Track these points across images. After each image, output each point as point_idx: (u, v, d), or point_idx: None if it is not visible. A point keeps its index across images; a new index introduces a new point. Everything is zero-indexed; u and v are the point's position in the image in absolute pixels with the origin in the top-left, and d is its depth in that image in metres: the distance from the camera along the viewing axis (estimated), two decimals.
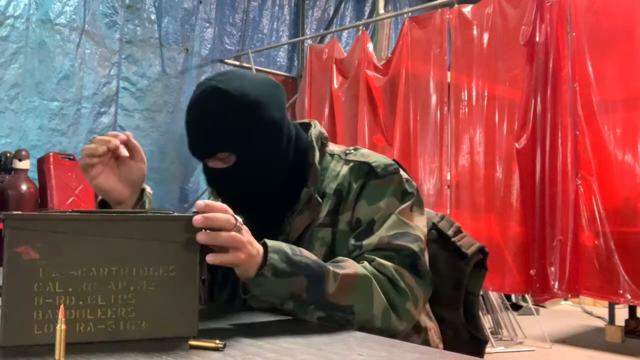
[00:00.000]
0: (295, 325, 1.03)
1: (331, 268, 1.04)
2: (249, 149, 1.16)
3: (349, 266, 1.07)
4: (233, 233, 0.93)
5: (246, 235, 0.96)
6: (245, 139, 1.15)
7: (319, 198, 1.21)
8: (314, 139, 1.27)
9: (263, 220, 1.23)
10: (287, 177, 1.23)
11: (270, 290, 1.00)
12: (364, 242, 1.14)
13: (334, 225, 1.20)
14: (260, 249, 1.00)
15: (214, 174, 1.19)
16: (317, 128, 1.32)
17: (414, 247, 1.13)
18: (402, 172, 1.23)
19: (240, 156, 1.16)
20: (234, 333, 0.94)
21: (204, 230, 0.91)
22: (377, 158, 1.24)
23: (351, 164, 1.24)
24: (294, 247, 1.04)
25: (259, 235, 1.06)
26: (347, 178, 1.22)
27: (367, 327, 1.03)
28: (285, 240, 1.10)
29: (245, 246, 0.95)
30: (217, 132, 1.15)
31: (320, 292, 1.02)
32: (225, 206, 0.96)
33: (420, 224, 1.19)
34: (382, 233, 1.14)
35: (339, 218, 1.20)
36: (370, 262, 1.10)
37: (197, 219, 0.90)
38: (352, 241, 1.16)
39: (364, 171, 1.21)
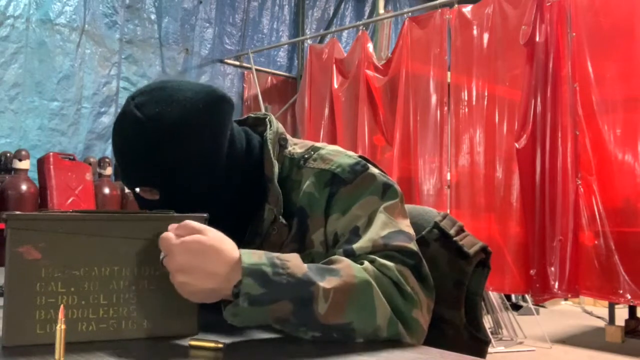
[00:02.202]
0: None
1: (320, 284, 0.87)
2: (171, 183, 1.03)
3: (344, 272, 0.90)
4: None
5: (173, 272, 0.85)
6: (165, 174, 1.02)
7: (283, 220, 1.07)
8: (270, 147, 1.12)
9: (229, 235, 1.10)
10: (234, 200, 1.09)
11: (248, 319, 0.86)
12: (355, 247, 0.98)
13: (305, 248, 1.06)
14: (214, 280, 0.84)
15: (145, 204, 1.07)
16: (274, 128, 1.15)
17: (412, 246, 1.02)
18: (372, 168, 1.10)
19: (163, 190, 1.05)
20: (234, 333, 0.94)
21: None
22: (339, 160, 1.09)
23: (311, 171, 1.09)
24: (277, 259, 0.87)
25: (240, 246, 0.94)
26: (307, 192, 1.07)
27: (373, 340, 0.91)
28: None
29: (180, 288, 0.85)
30: (136, 166, 1.03)
31: (309, 315, 0.86)
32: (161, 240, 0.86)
33: (407, 226, 1.07)
34: (373, 235, 1.00)
35: (312, 238, 1.06)
36: (371, 262, 0.96)
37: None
38: (339, 251, 0.99)
39: (326, 180, 1.07)
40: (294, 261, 0.89)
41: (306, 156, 1.13)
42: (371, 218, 1.03)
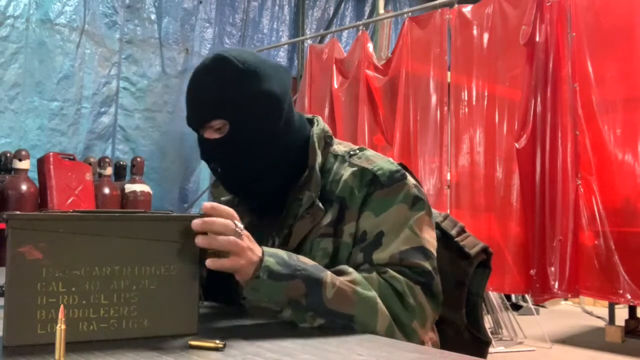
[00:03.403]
0: (295, 325, 1.03)
1: (329, 273, 1.01)
2: (243, 116, 1.13)
3: (351, 276, 1.03)
4: (232, 238, 0.92)
5: (246, 241, 0.95)
6: (240, 106, 1.13)
7: (320, 205, 1.16)
8: (316, 139, 1.21)
9: (263, 206, 1.23)
10: (285, 160, 1.19)
11: (266, 295, 0.96)
12: (374, 257, 1.09)
13: (336, 235, 1.14)
14: (261, 255, 0.98)
15: (209, 145, 1.16)
16: (320, 126, 1.26)
17: (427, 265, 1.09)
18: (410, 178, 1.18)
19: (234, 124, 1.13)
20: (234, 333, 0.94)
21: (204, 234, 0.91)
22: (382, 164, 1.18)
23: (354, 168, 1.18)
24: (291, 253, 1.02)
25: (258, 233, 1.09)
26: (349, 184, 1.16)
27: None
28: (285, 248, 1.08)
29: (244, 252, 0.94)
30: (213, 99, 1.13)
31: (318, 298, 0.98)
32: (230, 210, 0.95)
33: (431, 237, 1.15)
34: (393, 249, 1.09)
35: (343, 229, 1.14)
36: (382, 273, 1.06)
37: (196, 222, 0.90)
38: (359, 255, 1.10)
39: (367, 179, 1.15)
40: (303, 257, 1.03)
41: (352, 153, 1.22)
42: (398, 230, 1.11)
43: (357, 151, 1.23)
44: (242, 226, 0.95)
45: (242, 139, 1.14)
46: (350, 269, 1.06)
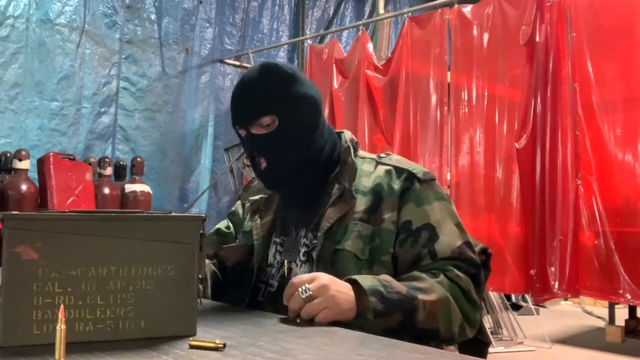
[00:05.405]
0: (295, 325, 1.03)
1: (420, 297, 1.12)
2: (290, 113, 1.28)
3: (431, 289, 1.14)
4: (307, 305, 1.05)
5: (320, 295, 1.06)
6: (288, 104, 1.28)
7: (353, 192, 1.29)
8: (349, 140, 1.40)
9: (292, 200, 1.37)
10: (319, 158, 1.33)
11: (368, 329, 1.05)
12: (437, 250, 1.22)
13: (374, 222, 1.26)
14: (349, 292, 1.09)
15: (257, 140, 1.28)
16: (349, 134, 1.43)
17: (477, 258, 1.24)
18: None
19: (282, 120, 1.27)
20: (234, 333, 0.94)
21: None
22: (413, 164, 1.34)
23: (387, 167, 1.33)
24: (384, 282, 1.12)
25: (285, 224, 1.34)
26: (384, 180, 1.30)
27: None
28: (315, 233, 1.26)
29: (330, 303, 1.05)
30: (265, 97, 1.28)
31: (412, 322, 1.11)
32: (290, 287, 1.08)
33: (468, 234, 1.29)
34: (450, 243, 1.23)
35: (383, 217, 1.26)
36: (445, 271, 1.18)
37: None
38: (424, 250, 1.22)
39: (402, 176, 1.30)
40: (394, 282, 1.14)
41: (381, 156, 1.38)
42: (446, 223, 1.25)
43: (385, 155, 1.39)
44: (306, 287, 1.07)
45: (289, 134, 1.28)
46: (424, 275, 1.17)
